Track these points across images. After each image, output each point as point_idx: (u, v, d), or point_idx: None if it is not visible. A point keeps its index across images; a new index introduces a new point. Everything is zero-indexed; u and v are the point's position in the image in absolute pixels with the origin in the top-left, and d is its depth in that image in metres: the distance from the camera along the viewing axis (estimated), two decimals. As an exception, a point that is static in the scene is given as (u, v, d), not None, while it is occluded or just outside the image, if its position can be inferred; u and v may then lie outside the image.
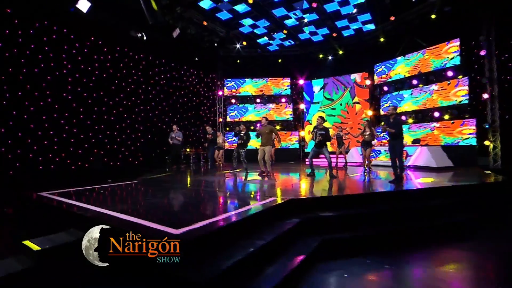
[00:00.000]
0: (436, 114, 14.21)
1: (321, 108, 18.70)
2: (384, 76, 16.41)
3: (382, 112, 16.46)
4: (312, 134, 8.54)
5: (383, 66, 16.45)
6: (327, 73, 18.25)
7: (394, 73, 15.97)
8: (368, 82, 17.16)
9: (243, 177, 8.98)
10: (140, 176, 10.01)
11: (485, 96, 12.99)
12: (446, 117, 13.91)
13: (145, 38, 13.39)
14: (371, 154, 10.89)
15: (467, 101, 13.38)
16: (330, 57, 17.82)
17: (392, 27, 14.95)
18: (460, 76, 13.59)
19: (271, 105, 19.26)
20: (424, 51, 14.76)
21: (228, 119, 19.49)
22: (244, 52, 17.43)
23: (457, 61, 13.60)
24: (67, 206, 5.11)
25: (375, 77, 16.81)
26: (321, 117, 8.76)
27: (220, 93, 19.52)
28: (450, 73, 13.85)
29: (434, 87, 14.39)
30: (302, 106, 19.29)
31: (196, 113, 18.17)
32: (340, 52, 17.09)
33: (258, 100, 19.26)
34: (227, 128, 17.36)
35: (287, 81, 19.21)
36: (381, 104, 16.57)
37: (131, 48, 14.37)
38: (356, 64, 17.23)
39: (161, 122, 15.76)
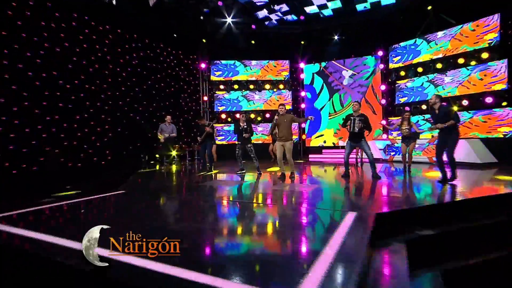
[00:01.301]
0: (465, 102, 12.06)
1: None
2: (397, 58, 14.06)
3: (398, 101, 14.18)
4: (348, 123, 6.96)
5: (401, 47, 14.08)
6: (334, 55, 15.67)
7: (414, 56, 13.64)
8: (381, 66, 14.74)
9: (275, 180, 7.02)
10: (124, 182, 7.23)
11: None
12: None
13: (114, 2, 10.20)
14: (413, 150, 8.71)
15: (505, 87, 11.29)
16: (336, 37, 15.24)
17: (414, 2, 12.55)
18: (496, 60, 11.43)
19: (269, 93, 16.54)
20: (454, 30, 12.48)
21: (219, 109, 16.54)
22: (236, 27, 14.46)
23: (496, 40, 11.42)
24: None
25: (392, 60, 14.42)
26: (357, 101, 7.23)
27: (206, 78, 16.52)
28: (485, 55, 11.67)
29: (465, 71, 12.18)
30: (303, 94, 16.67)
31: (176, 102, 15.11)
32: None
33: (251, 87, 16.43)
34: (215, 121, 14.46)
35: (285, 65, 16.53)
36: (396, 92, 14.25)
37: (94, 16, 11.10)
38: (369, 45, 14.76)
39: (133, 112, 12.64)
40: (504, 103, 11.29)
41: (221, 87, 16.49)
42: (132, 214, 4.25)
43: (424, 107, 13.16)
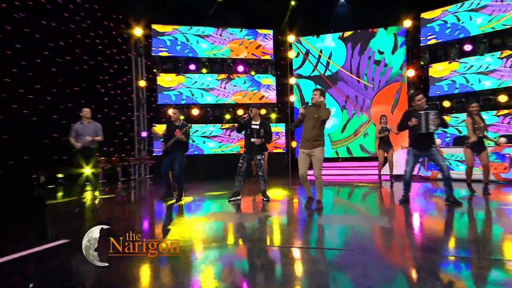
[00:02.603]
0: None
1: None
2: (431, 35, 10.08)
3: (434, 93, 10.20)
4: (414, 120, 4.83)
5: (438, 16, 10.06)
6: (339, 25, 11.00)
7: (458, 28, 9.75)
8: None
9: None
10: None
11: None
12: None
13: None
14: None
15: None
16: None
17: None
18: None
19: (241, 81, 11.14)
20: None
21: (165, 102, 10.46)
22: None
23: None
24: None
25: (423, 34, 10.31)
26: (419, 91, 5.83)
27: (142, 52, 10.46)
28: None
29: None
30: (292, 81, 11.58)
31: (92, 88, 8.88)
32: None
33: (216, 67, 10.86)
34: (163, 121, 8.07)
35: (267, 38, 11.28)
36: (430, 81, 10.26)
37: None
38: (389, 13, 10.46)
39: (23, 104, 7.72)
40: None
41: (167, 67, 10.56)
42: None
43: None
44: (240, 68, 11.11)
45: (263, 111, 10.45)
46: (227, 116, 11.11)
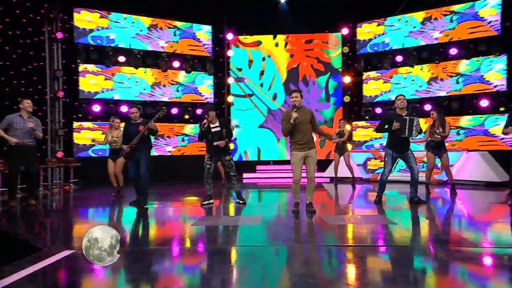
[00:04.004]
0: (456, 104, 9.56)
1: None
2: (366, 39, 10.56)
3: (367, 94, 10.69)
4: (397, 125, 5.16)
5: (373, 26, 10.53)
6: (279, 27, 10.84)
7: (391, 39, 10.33)
8: (345, 48, 10.83)
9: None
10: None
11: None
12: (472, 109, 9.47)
13: None
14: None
15: (504, 89, 9.23)
16: None
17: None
18: (497, 53, 9.27)
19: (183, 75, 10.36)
20: (450, 14, 9.75)
21: (91, 97, 9.07)
22: None
23: (497, 26, 9.18)
24: None
25: (360, 43, 10.72)
26: (403, 95, 5.54)
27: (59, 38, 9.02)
28: (483, 47, 9.36)
29: (464, 63, 9.57)
30: (231, 80, 11.05)
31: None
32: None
33: (150, 61, 9.90)
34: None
35: (204, 35, 10.63)
36: (363, 82, 10.74)
37: None
38: (328, 19, 10.65)
39: None
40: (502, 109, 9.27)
41: (92, 57, 9.25)
42: None
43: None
44: (176, 64, 10.25)
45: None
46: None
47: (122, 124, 6.10)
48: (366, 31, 10.55)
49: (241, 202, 5.65)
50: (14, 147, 5.42)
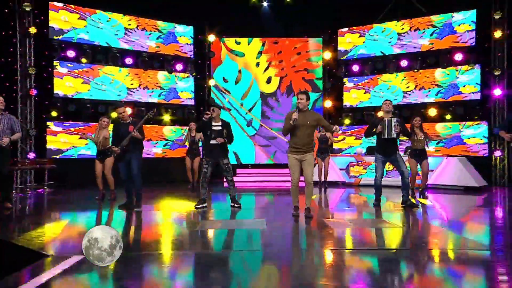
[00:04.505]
0: (433, 112, 9.92)
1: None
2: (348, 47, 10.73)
3: (347, 102, 10.84)
4: (379, 127, 5.40)
5: (353, 34, 10.72)
6: (259, 31, 10.82)
7: (370, 46, 10.55)
8: (327, 55, 10.92)
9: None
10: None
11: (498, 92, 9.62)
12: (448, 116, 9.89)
13: None
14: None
15: (478, 98, 9.69)
16: (265, 3, 10.49)
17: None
18: (470, 66, 9.70)
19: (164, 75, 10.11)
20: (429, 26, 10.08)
21: (66, 95, 8.65)
22: None
23: (471, 39, 9.63)
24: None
25: (340, 49, 10.86)
26: (389, 100, 5.71)
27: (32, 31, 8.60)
28: (459, 57, 9.75)
29: (438, 71, 9.94)
30: (212, 82, 10.86)
31: None
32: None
33: (129, 61, 9.54)
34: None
35: (185, 35, 10.45)
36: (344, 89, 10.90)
37: None
38: (310, 24, 10.72)
39: None
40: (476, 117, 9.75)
41: (69, 54, 8.88)
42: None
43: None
44: (156, 64, 9.99)
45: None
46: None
47: (111, 126, 5.90)
48: (347, 41, 10.75)
49: (236, 206, 5.64)
50: None
